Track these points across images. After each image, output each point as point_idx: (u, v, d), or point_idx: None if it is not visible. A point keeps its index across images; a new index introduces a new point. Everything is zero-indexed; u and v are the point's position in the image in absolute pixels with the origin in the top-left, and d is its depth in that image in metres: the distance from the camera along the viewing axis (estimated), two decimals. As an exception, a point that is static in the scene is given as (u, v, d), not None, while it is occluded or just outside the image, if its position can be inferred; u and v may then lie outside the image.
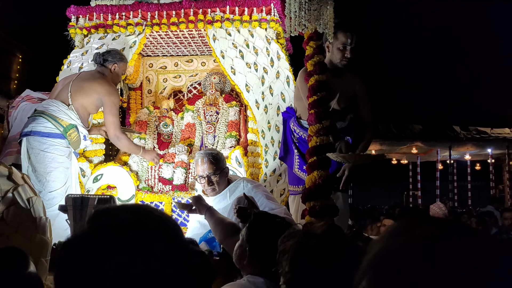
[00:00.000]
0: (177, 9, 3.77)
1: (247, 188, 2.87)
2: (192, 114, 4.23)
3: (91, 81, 3.43)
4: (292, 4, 2.75)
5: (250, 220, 1.72)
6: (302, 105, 3.10)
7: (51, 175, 3.08)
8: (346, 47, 3.03)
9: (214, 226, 2.46)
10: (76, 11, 3.90)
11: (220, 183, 2.91)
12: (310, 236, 1.26)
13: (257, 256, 1.58)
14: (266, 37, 3.74)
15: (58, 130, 3.20)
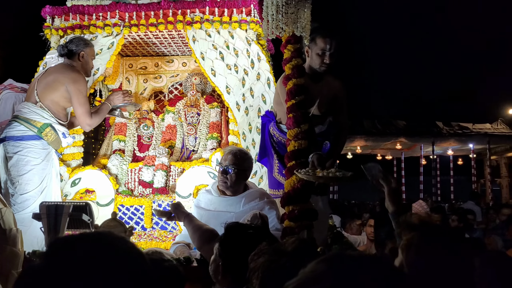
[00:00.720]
0: (156, 9, 3.71)
1: (263, 202, 2.75)
2: (173, 115, 4.19)
3: (55, 73, 3.29)
4: (269, 7, 2.73)
5: (222, 234, 1.66)
6: (282, 110, 3.03)
7: (24, 177, 3.01)
8: (325, 53, 2.93)
9: (192, 232, 2.43)
10: (52, 11, 3.81)
11: (235, 182, 2.77)
12: (281, 254, 1.24)
13: (230, 272, 1.54)
14: (246, 38, 3.71)
15: (32, 131, 3.11)
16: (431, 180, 14.10)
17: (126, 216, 3.54)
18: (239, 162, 2.78)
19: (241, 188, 2.84)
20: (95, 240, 0.84)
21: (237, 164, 2.77)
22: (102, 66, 3.81)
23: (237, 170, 2.77)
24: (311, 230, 2.59)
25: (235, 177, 2.76)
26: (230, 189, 2.80)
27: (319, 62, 2.95)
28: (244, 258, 1.38)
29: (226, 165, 2.78)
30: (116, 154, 3.90)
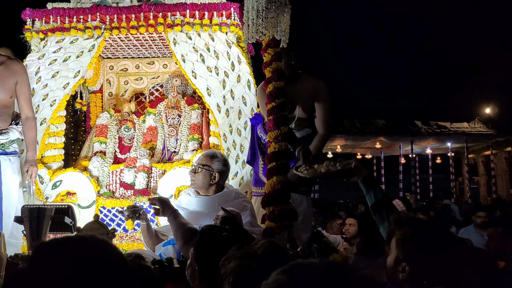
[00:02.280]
0: (137, 12, 3.74)
1: (238, 200, 2.85)
2: (154, 117, 4.20)
3: None
4: (249, 12, 2.78)
5: (196, 238, 1.65)
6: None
7: None
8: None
9: (175, 230, 2.46)
10: (32, 14, 3.79)
11: (202, 180, 2.85)
12: (251, 258, 1.25)
13: (207, 277, 1.51)
14: (226, 41, 3.76)
15: None
16: (411, 179, 14.36)
17: (108, 218, 3.55)
18: (207, 162, 2.87)
19: (213, 189, 2.90)
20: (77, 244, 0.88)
21: (205, 164, 2.86)
22: (83, 69, 3.80)
23: (204, 170, 2.85)
24: (292, 231, 2.67)
25: (201, 176, 2.84)
26: (199, 188, 2.88)
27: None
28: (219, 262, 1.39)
29: (196, 164, 2.91)
30: (97, 156, 3.90)
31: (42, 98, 3.71)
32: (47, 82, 3.73)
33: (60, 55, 3.77)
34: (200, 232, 1.69)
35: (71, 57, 3.77)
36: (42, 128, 3.66)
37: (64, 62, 3.76)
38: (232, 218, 2.40)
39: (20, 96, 3.18)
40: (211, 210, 2.82)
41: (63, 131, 3.81)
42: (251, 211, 2.91)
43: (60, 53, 3.77)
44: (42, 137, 3.65)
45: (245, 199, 3.03)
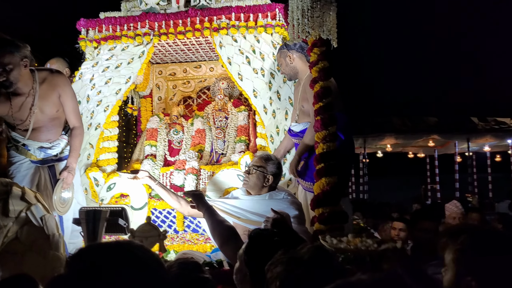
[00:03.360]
0: (184, 18, 3.81)
1: (286, 200, 2.94)
2: (202, 120, 4.27)
3: None
4: (294, 12, 2.76)
5: (247, 243, 1.65)
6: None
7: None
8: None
9: (212, 228, 2.50)
10: (86, 24, 3.97)
11: (254, 182, 2.98)
12: (297, 263, 1.23)
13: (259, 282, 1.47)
14: (272, 42, 3.75)
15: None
16: (467, 178, 13.68)
17: (159, 219, 3.64)
18: (262, 164, 3.00)
19: (265, 190, 3.01)
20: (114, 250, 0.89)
21: (259, 166, 2.99)
22: (134, 74, 3.93)
23: (258, 172, 2.97)
24: (342, 233, 2.61)
25: (255, 177, 2.98)
26: (251, 189, 3.02)
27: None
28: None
29: (250, 165, 3.05)
30: (148, 159, 4.01)
31: (96, 104, 3.87)
32: (101, 88, 3.88)
33: (112, 62, 3.92)
34: (250, 237, 1.68)
35: (122, 64, 3.91)
36: (96, 133, 3.82)
37: (116, 69, 3.91)
38: (282, 220, 2.39)
39: (65, 108, 3.26)
40: (260, 210, 2.87)
41: (116, 135, 3.96)
42: (299, 213, 2.89)
43: (112, 60, 3.91)
44: (96, 142, 3.82)
45: (294, 199, 3.04)
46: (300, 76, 3.44)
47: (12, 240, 1.82)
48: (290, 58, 3.40)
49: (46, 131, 3.25)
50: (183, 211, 3.13)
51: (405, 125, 12.34)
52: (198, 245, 3.52)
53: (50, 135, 3.26)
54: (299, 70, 3.42)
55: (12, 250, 1.81)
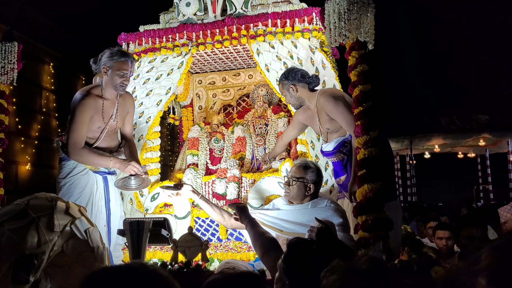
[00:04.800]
0: (220, 27, 3.84)
1: (330, 207, 2.87)
2: (242, 127, 4.28)
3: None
4: (331, 16, 2.71)
5: (285, 252, 1.65)
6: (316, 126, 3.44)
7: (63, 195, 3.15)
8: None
9: (253, 240, 2.50)
10: (126, 37, 4.08)
11: (296, 193, 2.94)
12: (354, 273, 1.22)
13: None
14: (309, 46, 3.70)
15: (63, 153, 3.24)
16: (522, 178, 12.90)
17: (202, 228, 3.67)
18: (301, 174, 2.94)
19: (308, 199, 2.96)
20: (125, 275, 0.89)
21: (299, 176, 2.93)
22: (174, 85, 4.00)
23: (299, 182, 2.92)
24: (388, 241, 2.52)
25: (296, 188, 2.93)
26: (294, 200, 2.97)
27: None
28: (311, 276, 1.36)
29: (289, 177, 2.97)
30: (190, 168, 4.06)
31: (139, 115, 3.97)
32: (142, 100, 3.98)
33: (152, 74, 4.01)
34: (288, 246, 1.68)
35: (162, 75, 3.99)
36: (140, 144, 3.91)
37: (156, 81, 3.99)
38: (327, 229, 2.34)
39: (127, 125, 3.51)
40: (303, 220, 2.82)
41: (158, 145, 4.04)
42: (343, 221, 2.83)
43: (153, 72, 4.01)
44: (140, 152, 3.91)
45: (338, 207, 2.97)
46: (308, 103, 3.37)
47: (58, 254, 1.88)
48: (293, 88, 3.32)
49: (110, 141, 3.38)
50: (225, 224, 3.12)
51: (453, 124, 11.84)
52: (242, 254, 3.52)
53: (111, 146, 3.39)
54: (305, 98, 3.35)
55: (60, 263, 1.87)
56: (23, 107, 6.64)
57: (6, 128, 3.24)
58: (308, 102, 3.35)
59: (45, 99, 7.35)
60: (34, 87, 7.06)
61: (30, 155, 6.85)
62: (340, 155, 3.30)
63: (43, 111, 7.26)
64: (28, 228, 1.81)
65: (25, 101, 6.67)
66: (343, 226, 2.81)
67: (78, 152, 3.07)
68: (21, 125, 6.68)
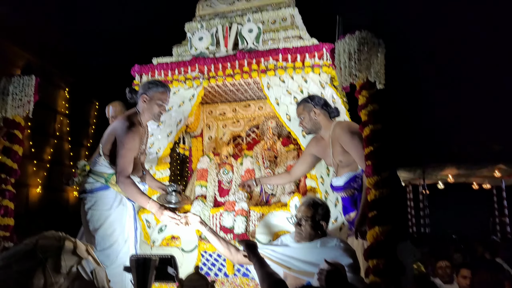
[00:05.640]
0: (232, 61, 3.87)
1: (339, 247, 2.78)
2: (251, 159, 4.26)
3: (113, 124, 3.19)
4: (341, 55, 2.72)
5: None
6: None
7: (98, 233, 3.00)
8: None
9: (261, 280, 2.44)
10: (140, 69, 4.14)
11: (309, 232, 2.85)
12: None
13: None
14: (320, 82, 3.71)
15: (100, 182, 3.10)
16: (540, 210, 12.57)
17: (209, 262, 3.62)
18: (312, 213, 2.86)
19: (318, 235, 2.88)
20: None
21: (311, 216, 2.85)
22: (185, 117, 4.02)
23: (311, 222, 2.84)
24: (400, 286, 2.45)
25: (309, 228, 2.84)
26: (306, 239, 2.88)
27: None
28: None
29: (300, 217, 2.88)
30: (198, 200, 4.03)
31: (149, 146, 3.98)
32: (153, 131, 4.00)
33: (164, 106, 4.04)
34: None
35: (173, 107, 4.02)
36: (149, 175, 3.91)
37: (167, 112, 4.02)
38: (337, 271, 2.29)
39: (143, 154, 3.36)
40: (312, 259, 2.76)
41: (167, 176, 4.03)
42: (354, 262, 2.75)
43: (164, 104, 4.03)
44: (149, 184, 3.90)
45: (347, 246, 2.89)
46: (323, 133, 3.36)
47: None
48: (315, 113, 3.30)
49: (138, 170, 3.28)
50: (232, 258, 3.07)
51: (466, 153, 11.68)
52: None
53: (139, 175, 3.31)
54: (322, 125, 3.34)
55: (63, 305, 1.83)
56: (37, 131, 6.74)
57: (20, 159, 3.28)
58: (323, 130, 3.33)
59: (59, 123, 7.47)
60: (49, 111, 7.19)
61: (42, 178, 6.91)
62: (351, 191, 3.25)
63: (56, 135, 7.37)
64: (35, 271, 1.78)
65: (40, 125, 6.79)
66: (353, 267, 2.73)
67: (123, 180, 2.97)
68: (34, 149, 6.77)
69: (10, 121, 3.29)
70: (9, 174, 3.23)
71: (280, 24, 4.16)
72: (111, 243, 2.99)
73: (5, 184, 3.19)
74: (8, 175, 3.22)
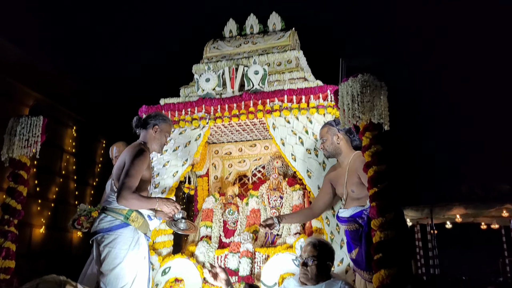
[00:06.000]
0: (238, 101, 3.94)
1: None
2: (257, 199, 4.25)
3: (122, 156, 3.18)
4: (344, 97, 2.77)
5: None
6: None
7: (114, 272, 2.91)
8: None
9: None
10: (147, 110, 4.22)
11: (316, 274, 2.79)
12: None
13: None
14: (324, 122, 3.75)
15: (119, 220, 3.03)
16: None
17: (213, 305, 3.55)
18: (318, 253, 2.81)
19: (321, 278, 2.82)
20: None
21: (317, 255, 2.80)
22: (190, 157, 4.05)
23: (317, 262, 2.79)
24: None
25: (315, 269, 2.79)
26: (311, 281, 2.81)
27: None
28: None
29: (306, 257, 2.83)
30: (203, 241, 4.01)
31: (154, 186, 3.99)
32: (159, 171, 4.03)
33: (170, 146, 4.09)
34: None
35: (179, 147, 4.07)
36: (154, 215, 3.90)
37: (173, 152, 4.06)
38: None
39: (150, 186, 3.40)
40: None
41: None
42: None
43: (170, 144, 4.09)
44: (154, 224, 3.88)
45: None
46: (341, 159, 3.38)
47: None
48: (339, 137, 3.35)
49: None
50: None
51: (474, 193, 11.54)
52: (253, 335, 3.35)
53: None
54: (343, 151, 3.36)
55: None
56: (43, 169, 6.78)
57: (24, 200, 3.29)
58: (343, 156, 3.34)
59: (65, 162, 7.52)
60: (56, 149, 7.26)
61: (46, 218, 6.89)
62: (355, 225, 3.19)
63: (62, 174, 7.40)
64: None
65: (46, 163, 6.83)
66: None
67: (129, 196, 2.96)
68: (39, 187, 6.79)
69: (16, 162, 3.32)
70: (12, 215, 3.23)
71: (285, 66, 4.26)
72: (124, 284, 2.90)
73: (8, 225, 3.19)
74: (12, 216, 3.22)
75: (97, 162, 8.76)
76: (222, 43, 4.69)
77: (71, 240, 7.63)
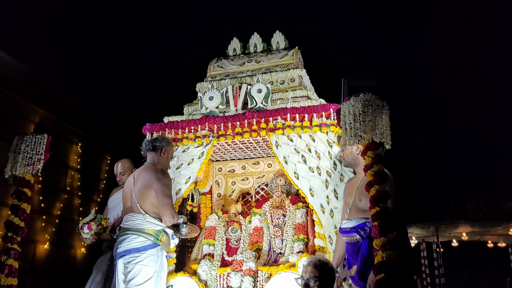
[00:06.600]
0: (241, 120, 3.97)
1: None
2: (260, 217, 4.24)
3: (144, 179, 3.34)
4: (346, 117, 2.79)
5: None
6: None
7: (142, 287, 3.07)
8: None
9: None
10: (151, 128, 4.25)
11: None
12: None
13: None
14: (327, 140, 3.77)
15: (150, 240, 3.19)
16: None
17: (215, 325, 3.51)
18: (320, 274, 2.79)
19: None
20: None
21: (318, 276, 2.78)
22: (193, 174, 4.06)
23: (319, 283, 2.77)
24: None
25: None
26: None
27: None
28: None
29: (308, 278, 2.81)
30: (206, 259, 3.99)
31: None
32: (162, 189, 4.03)
33: (173, 163, 4.10)
34: None
35: (183, 165, 4.08)
36: (156, 233, 3.89)
37: (177, 170, 4.08)
38: None
39: None
40: None
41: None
42: None
43: (174, 161, 4.10)
44: (156, 241, 3.87)
45: None
46: (359, 169, 3.36)
47: None
48: (358, 148, 3.29)
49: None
50: None
51: (481, 211, 11.43)
52: None
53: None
54: (361, 163, 3.32)
55: None
56: (48, 186, 6.80)
57: (27, 217, 3.30)
58: (360, 167, 3.28)
59: (70, 178, 7.55)
60: (61, 166, 7.30)
61: (50, 234, 6.88)
62: (356, 237, 3.17)
63: (67, 190, 7.42)
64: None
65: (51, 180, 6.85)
66: None
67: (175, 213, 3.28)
68: (44, 204, 6.80)
69: (19, 179, 3.35)
70: (15, 233, 3.24)
71: (288, 84, 4.29)
72: None
73: (11, 243, 3.20)
74: (15, 233, 3.24)
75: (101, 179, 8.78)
76: (226, 61, 4.74)
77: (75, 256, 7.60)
